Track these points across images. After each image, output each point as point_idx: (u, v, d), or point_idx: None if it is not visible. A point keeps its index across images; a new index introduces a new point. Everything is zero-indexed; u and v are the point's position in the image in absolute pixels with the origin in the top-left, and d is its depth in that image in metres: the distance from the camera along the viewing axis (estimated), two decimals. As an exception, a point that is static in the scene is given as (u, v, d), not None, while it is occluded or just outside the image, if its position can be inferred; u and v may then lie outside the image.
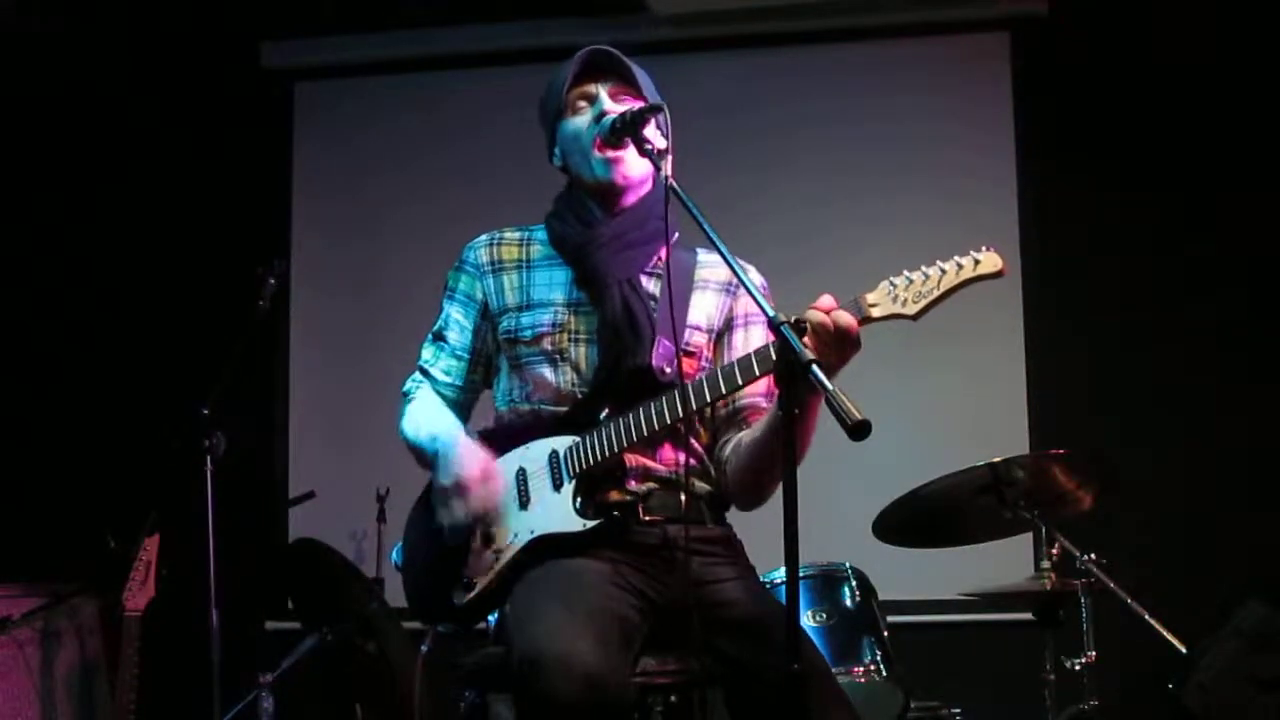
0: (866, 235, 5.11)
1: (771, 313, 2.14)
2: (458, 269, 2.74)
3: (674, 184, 2.35)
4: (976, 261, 2.30)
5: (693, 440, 2.58)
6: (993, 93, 5.27)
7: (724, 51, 5.46)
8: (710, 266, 2.69)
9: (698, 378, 2.44)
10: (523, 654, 2.22)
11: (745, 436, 2.56)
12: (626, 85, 2.61)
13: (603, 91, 2.60)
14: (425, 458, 2.62)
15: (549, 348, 2.59)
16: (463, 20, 5.57)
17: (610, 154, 2.55)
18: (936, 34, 5.34)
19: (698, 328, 2.63)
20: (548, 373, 2.59)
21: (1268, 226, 5.00)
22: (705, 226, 2.25)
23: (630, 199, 2.62)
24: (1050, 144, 5.21)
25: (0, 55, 5.35)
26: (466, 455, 2.50)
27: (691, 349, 2.59)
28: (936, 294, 2.29)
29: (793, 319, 2.16)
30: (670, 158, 2.40)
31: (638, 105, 2.53)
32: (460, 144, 5.57)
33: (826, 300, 2.30)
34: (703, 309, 2.65)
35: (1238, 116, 5.05)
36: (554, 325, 2.60)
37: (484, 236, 2.75)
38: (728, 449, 2.59)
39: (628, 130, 2.48)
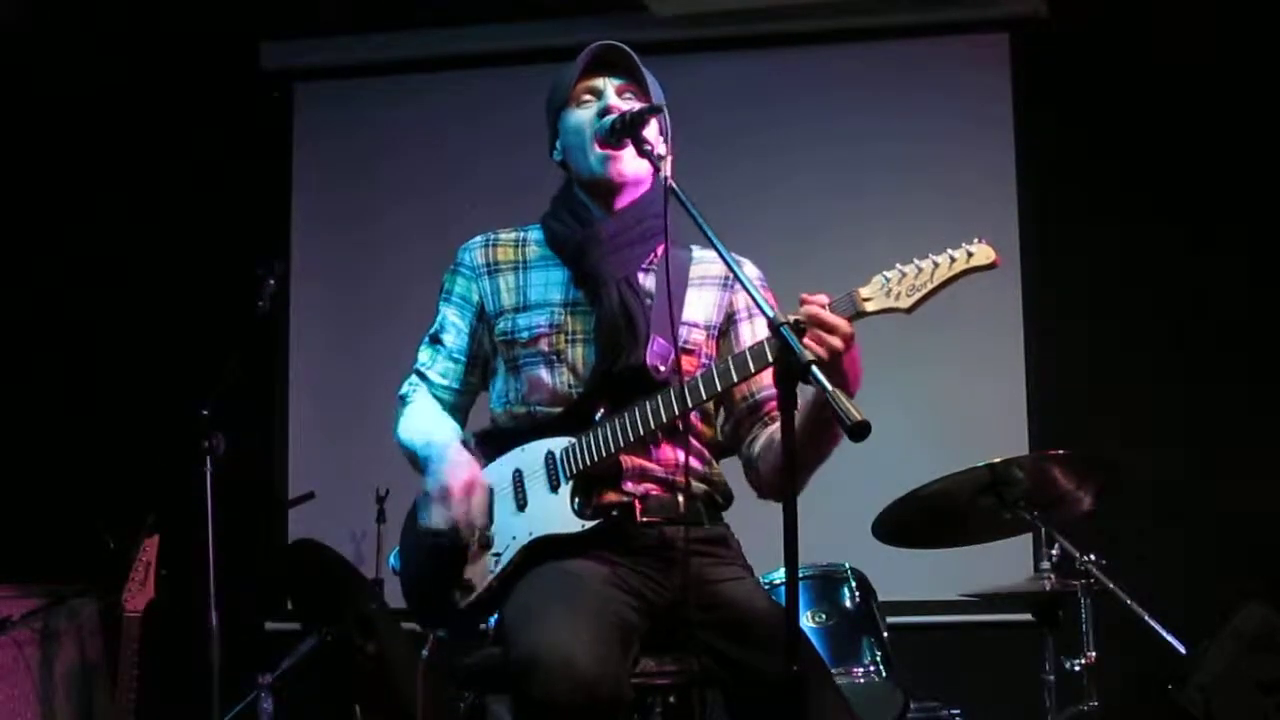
0: (865, 234, 5.10)
1: (770, 312, 2.14)
2: (453, 271, 2.73)
3: (673, 185, 2.34)
4: (969, 254, 2.27)
5: (692, 439, 2.56)
6: (992, 93, 5.26)
7: (723, 52, 5.45)
8: (706, 263, 2.67)
9: (693, 375, 2.44)
10: (519, 657, 2.22)
11: (776, 433, 2.53)
12: (634, 83, 2.60)
13: (609, 87, 2.58)
14: (419, 463, 2.61)
15: (546, 349, 2.58)
16: (463, 20, 5.57)
17: (608, 152, 2.55)
18: (936, 34, 5.34)
19: (695, 325, 2.61)
20: (544, 374, 2.58)
21: (1268, 226, 5.00)
22: (704, 228, 2.23)
23: (627, 198, 2.61)
24: (1050, 144, 5.20)
25: (1, 55, 5.35)
26: (455, 464, 2.49)
27: (689, 346, 2.58)
28: (930, 287, 2.27)
29: (791, 319, 2.16)
30: (670, 159, 2.38)
31: (641, 105, 2.52)
32: (460, 144, 5.57)
33: (819, 298, 2.28)
34: (700, 306, 2.64)
35: (1238, 117, 5.04)
36: (551, 326, 2.59)
37: (479, 238, 2.74)
38: (757, 446, 2.57)
39: (627, 131, 2.47)
